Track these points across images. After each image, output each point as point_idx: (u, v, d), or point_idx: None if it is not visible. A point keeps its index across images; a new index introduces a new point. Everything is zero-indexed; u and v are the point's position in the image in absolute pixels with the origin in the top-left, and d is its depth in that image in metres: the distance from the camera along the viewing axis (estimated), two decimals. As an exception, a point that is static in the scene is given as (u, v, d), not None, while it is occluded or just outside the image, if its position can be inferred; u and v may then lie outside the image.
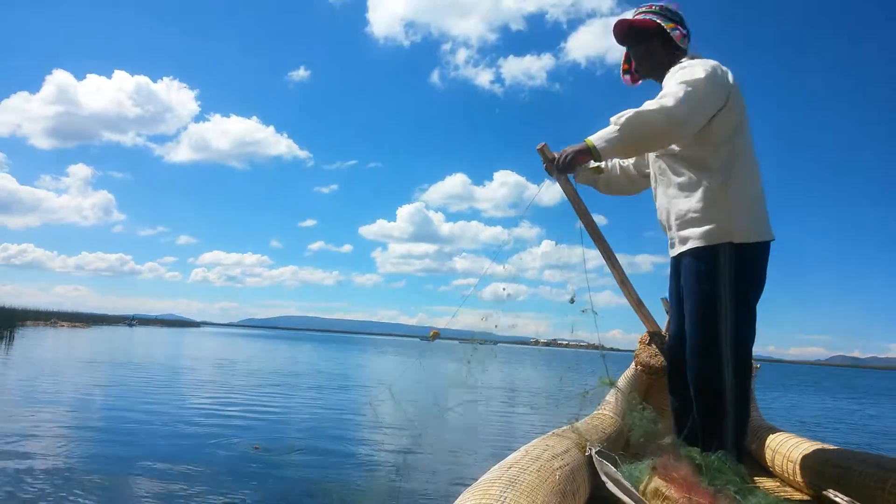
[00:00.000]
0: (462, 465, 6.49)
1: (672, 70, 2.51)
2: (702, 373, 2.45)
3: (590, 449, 2.17)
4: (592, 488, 2.05)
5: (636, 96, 2.73)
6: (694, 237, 2.45)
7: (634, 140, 2.34)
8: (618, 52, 2.83)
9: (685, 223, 2.49)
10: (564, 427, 2.68)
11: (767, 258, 2.46)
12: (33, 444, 6.28)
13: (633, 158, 2.91)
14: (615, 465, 2.13)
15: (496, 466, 1.73)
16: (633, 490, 1.92)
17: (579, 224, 2.76)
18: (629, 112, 2.30)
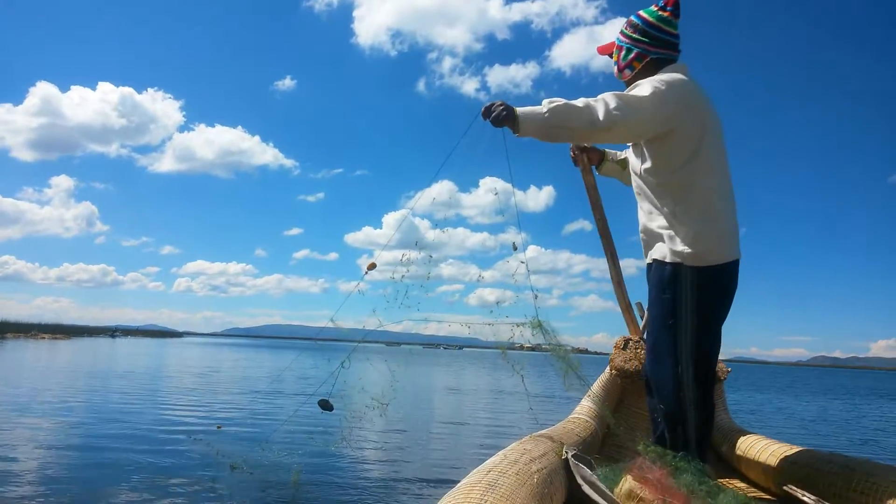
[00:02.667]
0: (436, 468, 6.50)
1: (639, 80, 2.54)
2: (657, 378, 2.55)
3: (566, 452, 2.22)
4: (569, 491, 2.10)
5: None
6: (656, 254, 2.56)
7: (555, 128, 2.36)
8: (601, 61, 2.90)
9: (651, 239, 2.60)
10: (542, 431, 2.73)
11: (731, 274, 2.53)
12: (7, 455, 6.19)
13: None
14: (591, 467, 2.18)
15: (475, 470, 1.77)
16: (608, 492, 1.97)
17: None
18: (562, 101, 2.34)
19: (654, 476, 1.98)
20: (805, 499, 2.31)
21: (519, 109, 2.34)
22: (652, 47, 2.62)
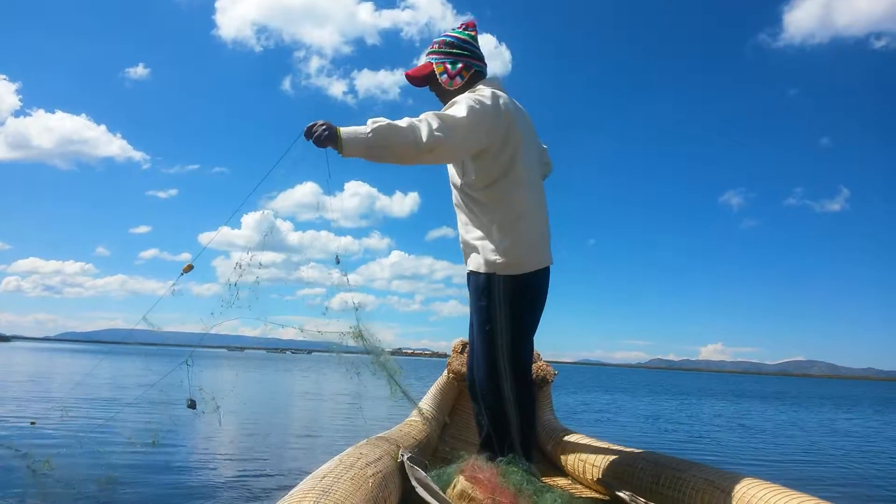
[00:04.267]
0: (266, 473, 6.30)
1: (455, 98, 2.58)
2: (480, 382, 2.66)
3: (402, 455, 2.23)
4: (404, 493, 2.11)
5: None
6: (472, 264, 2.67)
7: (378, 149, 2.32)
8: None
9: (468, 249, 2.71)
10: (379, 434, 2.72)
11: (543, 281, 2.68)
12: None
13: None
14: (425, 469, 2.21)
15: (309, 477, 1.73)
16: (441, 493, 2.00)
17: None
18: (385, 121, 2.31)
19: (484, 476, 2.04)
20: (621, 495, 2.49)
21: (342, 130, 2.28)
22: (472, 59, 2.73)
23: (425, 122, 2.33)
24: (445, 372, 4.08)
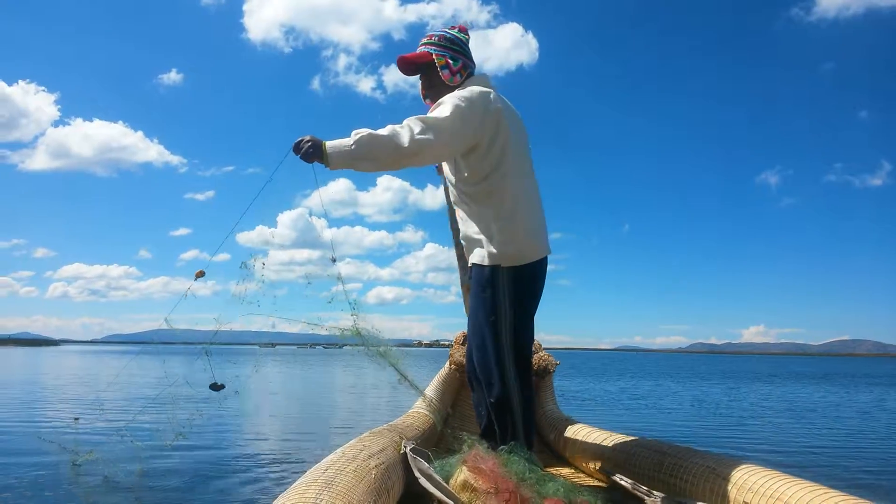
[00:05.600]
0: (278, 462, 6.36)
1: (442, 98, 2.63)
2: (485, 371, 2.68)
3: (405, 446, 2.25)
4: (407, 484, 2.13)
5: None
6: (475, 258, 2.72)
7: (363, 160, 2.39)
8: (493, 63, 3.13)
9: (470, 244, 2.76)
10: (382, 426, 2.74)
11: (541, 270, 2.73)
12: None
13: None
14: (428, 460, 2.23)
15: (312, 469, 1.74)
16: (444, 483, 2.02)
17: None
18: (366, 132, 2.38)
19: (487, 466, 2.06)
20: (622, 482, 2.50)
21: (328, 144, 2.37)
22: (469, 61, 2.82)
23: (406, 128, 2.40)
24: (448, 363, 4.10)
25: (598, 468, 2.89)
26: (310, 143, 2.35)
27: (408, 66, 2.84)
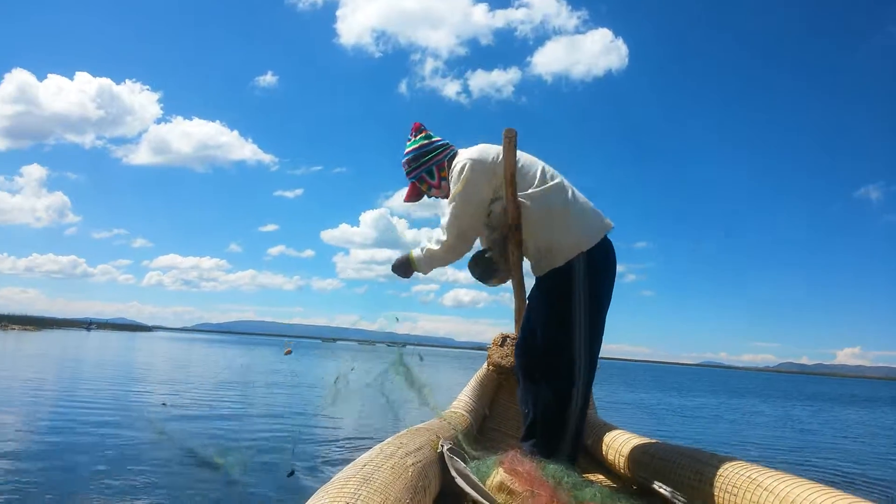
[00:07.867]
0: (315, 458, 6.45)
1: (443, 201, 2.98)
2: (552, 371, 2.67)
3: (441, 446, 2.26)
4: (443, 483, 2.13)
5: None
6: (553, 264, 2.74)
7: (434, 268, 2.99)
8: (581, 69, 3.21)
9: (541, 256, 2.81)
10: (419, 424, 2.76)
11: (610, 248, 2.80)
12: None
13: None
14: (465, 460, 2.23)
15: (350, 465, 1.76)
16: (480, 484, 2.02)
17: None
18: (422, 254, 2.94)
19: (524, 468, 2.05)
20: (661, 490, 2.47)
21: (414, 260, 2.99)
22: (438, 156, 3.01)
23: (440, 237, 2.87)
24: (485, 364, 4.10)
25: (636, 475, 2.85)
26: (401, 268, 3.04)
27: (413, 201, 3.15)
